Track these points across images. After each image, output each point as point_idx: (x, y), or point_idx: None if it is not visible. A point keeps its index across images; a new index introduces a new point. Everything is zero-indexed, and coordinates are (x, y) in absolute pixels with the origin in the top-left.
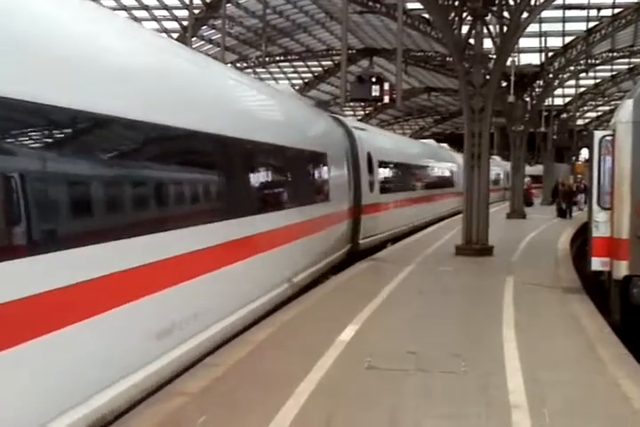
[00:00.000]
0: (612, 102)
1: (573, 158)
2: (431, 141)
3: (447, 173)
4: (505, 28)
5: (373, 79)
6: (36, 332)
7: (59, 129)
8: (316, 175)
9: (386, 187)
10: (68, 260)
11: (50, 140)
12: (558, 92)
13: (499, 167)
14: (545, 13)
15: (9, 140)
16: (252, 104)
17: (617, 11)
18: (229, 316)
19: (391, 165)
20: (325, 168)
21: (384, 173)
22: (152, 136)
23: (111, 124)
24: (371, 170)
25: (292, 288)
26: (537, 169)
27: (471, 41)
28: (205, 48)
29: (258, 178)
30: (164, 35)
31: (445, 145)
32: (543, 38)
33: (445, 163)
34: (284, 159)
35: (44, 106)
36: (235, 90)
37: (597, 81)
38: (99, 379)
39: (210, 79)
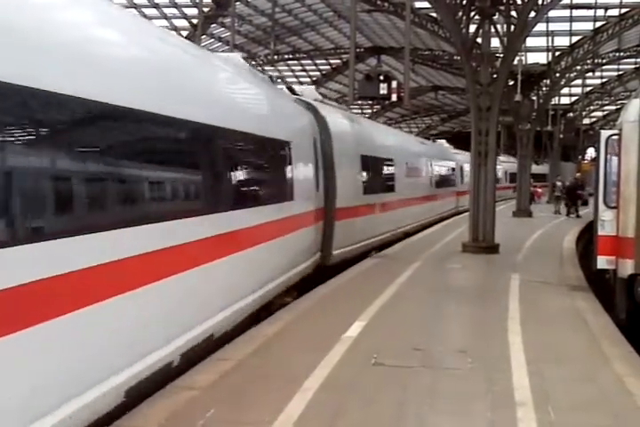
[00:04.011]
0: (619, 102)
1: (579, 157)
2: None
3: (446, 172)
4: (512, 28)
5: (381, 77)
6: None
7: None
8: (275, 168)
9: (371, 186)
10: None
11: None
12: (565, 91)
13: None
14: (552, 13)
15: None
16: (180, 71)
17: (624, 10)
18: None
19: (377, 162)
20: (288, 160)
21: (368, 170)
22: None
23: None
24: (351, 166)
25: (225, 324)
26: (537, 167)
27: (479, 40)
28: (215, 46)
29: (181, 169)
30: (174, 32)
31: (444, 141)
32: (550, 38)
33: (444, 160)
34: (224, 145)
35: None
36: (156, 52)
37: (604, 80)
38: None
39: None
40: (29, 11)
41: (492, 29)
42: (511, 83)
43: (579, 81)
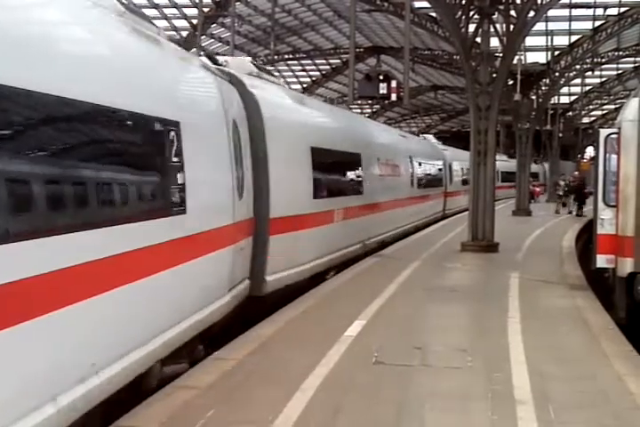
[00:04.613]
0: (618, 101)
1: (579, 156)
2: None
3: (431, 170)
4: (511, 27)
5: (381, 77)
6: None
7: None
8: (140, 163)
9: (326, 189)
10: None
11: None
12: (564, 90)
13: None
14: (551, 12)
15: None
16: None
17: (623, 10)
18: None
19: (336, 157)
20: (171, 151)
21: (322, 167)
22: None
23: None
24: (296, 162)
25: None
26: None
27: (478, 39)
28: (215, 46)
29: None
30: (174, 33)
31: (431, 137)
32: (549, 37)
33: (429, 157)
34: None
35: None
36: None
37: (603, 79)
38: None
39: None
40: None
41: (492, 29)
42: (510, 82)
43: (578, 80)
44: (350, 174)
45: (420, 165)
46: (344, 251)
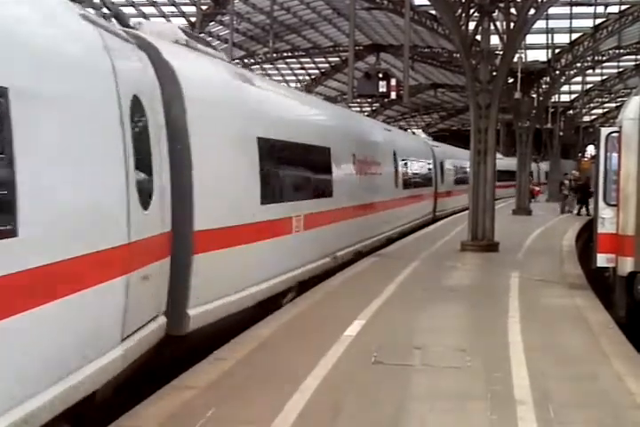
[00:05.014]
0: (619, 99)
1: (579, 155)
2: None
3: (420, 168)
4: (512, 25)
5: (380, 75)
6: None
7: None
8: None
9: (279, 191)
10: None
11: None
12: (565, 88)
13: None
14: (552, 10)
15: None
16: None
17: (624, 7)
18: None
19: (296, 151)
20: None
21: (274, 164)
22: None
23: None
24: (235, 158)
25: None
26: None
27: (478, 37)
28: (213, 44)
29: None
30: None
31: (420, 131)
32: (550, 35)
33: (417, 154)
34: None
35: None
36: None
37: (604, 78)
38: None
39: None
40: None
41: (492, 27)
42: (511, 80)
43: (578, 78)
44: (316, 173)
45: (406, 162)
46: (307, 267)
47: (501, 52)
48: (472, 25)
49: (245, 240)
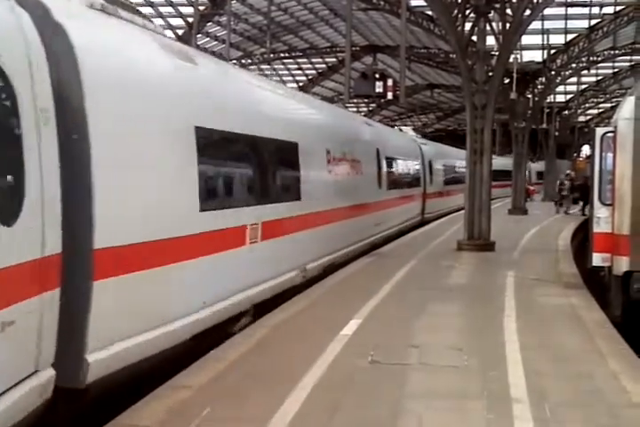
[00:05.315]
0: (614, 99)
1: (575, 155)
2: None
3: (406, 168)
4: (507, 26)
5: (377, 76)
6: None
7: None
8: None
9: (224, 194)
10: None
11: None
12: (560, 89)
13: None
14: (547, 11)
15: None
16: None
17: (619, 8)
18: None
19: (250, 145)
20: None
21: (219, 161)
22: None
23: None
24: (162, 153)
25: None
26: (503, 162)
27: (474, 38)
28: (210, 44)
29: None
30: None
31: (408, 128)
32: (545, 35)
33: (404, 152)
34: None
35: None
36: None
37: (599, 78)
38: None
39: None
40: None
41: (488, 27)
42: (507, 81)
43: (574, 79)
44: (279, 172)
45: (391, 160)
46: (266, 285)
47: (497, 53)
48: (468, 26)
49: (175, 258)
